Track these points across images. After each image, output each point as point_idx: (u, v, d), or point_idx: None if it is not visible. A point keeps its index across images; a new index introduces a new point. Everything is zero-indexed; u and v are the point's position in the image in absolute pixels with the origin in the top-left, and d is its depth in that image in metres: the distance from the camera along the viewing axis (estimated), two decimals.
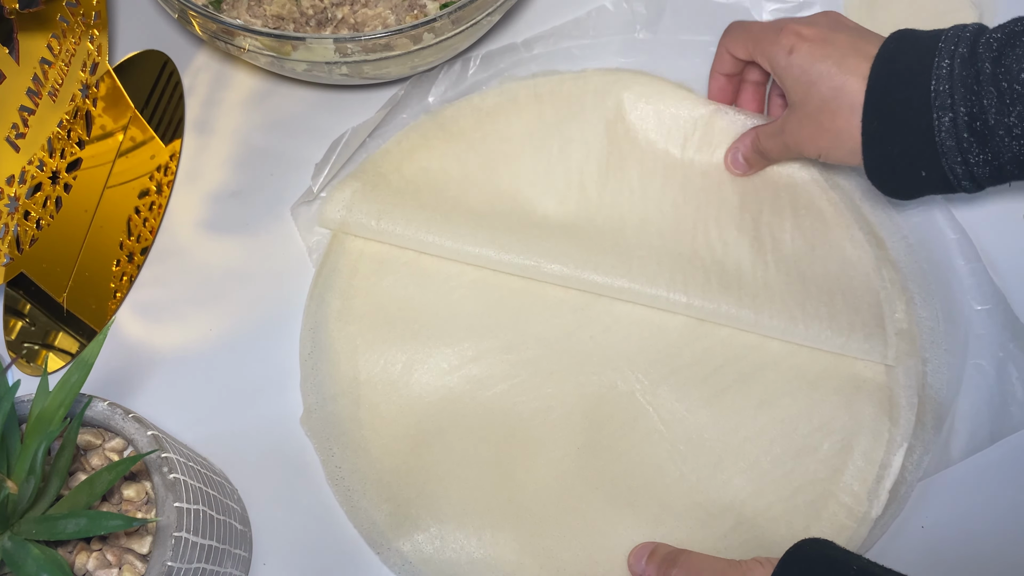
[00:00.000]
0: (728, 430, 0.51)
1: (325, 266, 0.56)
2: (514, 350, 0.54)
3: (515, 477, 0.51)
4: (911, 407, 0.51)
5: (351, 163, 0.59)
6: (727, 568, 0.44)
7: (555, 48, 0.63)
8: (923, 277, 0.55)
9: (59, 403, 0.39)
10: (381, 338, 0.54)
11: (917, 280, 0.55)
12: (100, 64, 0.62)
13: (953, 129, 0.45)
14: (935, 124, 0.45)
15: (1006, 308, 0.53)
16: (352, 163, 0.59)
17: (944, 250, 0.56)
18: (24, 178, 0.54)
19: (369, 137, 0.60)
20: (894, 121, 0.47)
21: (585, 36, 0.63)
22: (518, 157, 0.59)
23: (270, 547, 0.51)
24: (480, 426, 0.52)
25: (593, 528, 0.50)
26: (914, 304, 0.54)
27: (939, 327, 0.54)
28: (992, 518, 0.50)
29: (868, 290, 0.54)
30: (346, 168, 0.59)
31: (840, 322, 0.52)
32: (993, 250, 0.56)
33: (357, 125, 0.58)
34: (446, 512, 0.50)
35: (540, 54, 0.63)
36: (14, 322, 0.56)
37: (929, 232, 0.56)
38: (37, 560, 0.37)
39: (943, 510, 0.50)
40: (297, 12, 0.58)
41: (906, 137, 0.47)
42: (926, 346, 0.53)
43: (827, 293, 0.54)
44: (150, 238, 0.59)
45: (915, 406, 0.51)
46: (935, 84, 0.45)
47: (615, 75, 0.60)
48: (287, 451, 0.53)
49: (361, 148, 0.60)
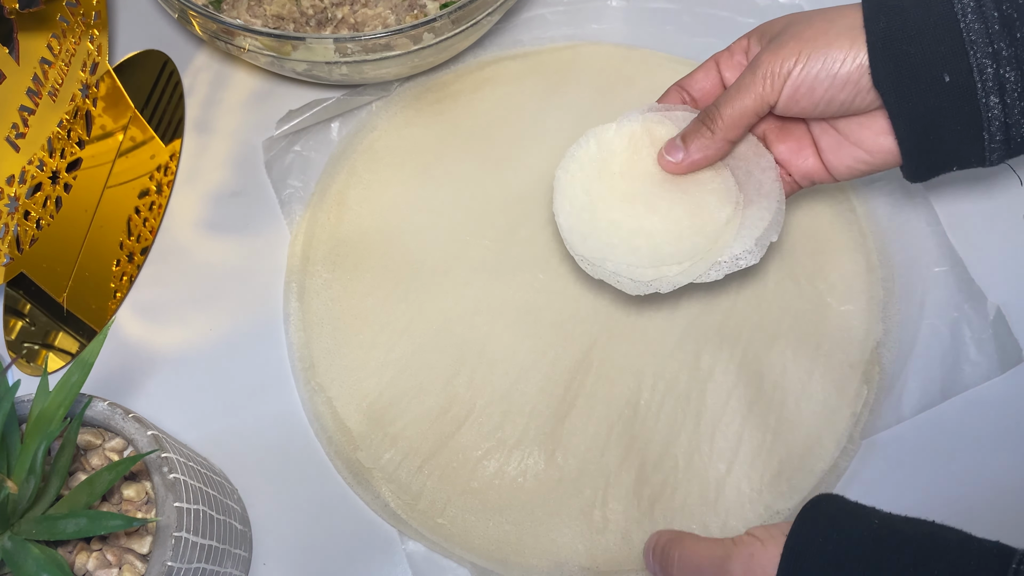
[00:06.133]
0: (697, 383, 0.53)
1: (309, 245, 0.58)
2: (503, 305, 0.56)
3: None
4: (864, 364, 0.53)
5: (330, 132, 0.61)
6: (722, 551, 0.40)
7: (529, 15, 0.65)
8: (882, 236, 0.57)
9: (59, 403, 0.39)
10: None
11: (877, 239, 0.57)
12: (100, 64, 0.62)
13: (979, 9, 0.38)
14: (956, 6, 0.39)
15: (962, 270, 0.55)
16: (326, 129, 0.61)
17: (904, 213, 0.57)
18: (24, 178, 0.54)
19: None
20: (906, 15, 0.40)
21: (559, 3, 0.65)
22: (507, 125, 0.61)
23: (270, 547, 0.51)
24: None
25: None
26: (873, 263, 0.56)
27: (895, 287, 0.55)
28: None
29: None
30: (322, 131, 0.61)
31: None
32: (950, 214, 0.57)
33: (342, 97, 0.60)
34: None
35: (514, 20, 0.64)
36: (14, 322, 0.56)
37: (892, 195, 0.58)
38: (37, 560, 0.37)
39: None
40: (297, 12, 0.58)
41: (923, 25, 0.39)
42: (881, 309, 0.55)
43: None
44: (150, 238, 0.59)
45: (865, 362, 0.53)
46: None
47: (608, 48, 0.63)
48: (287, 451, 0.53)
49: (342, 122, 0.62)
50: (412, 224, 0.58)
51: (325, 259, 0.57)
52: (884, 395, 0.53)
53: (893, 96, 0.41)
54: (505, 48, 0.64)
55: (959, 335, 0.54)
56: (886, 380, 0.53)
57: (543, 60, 0.63)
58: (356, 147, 0.60)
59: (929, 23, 0.39)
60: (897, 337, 0.54)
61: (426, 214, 0.58)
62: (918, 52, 0.40)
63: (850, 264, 0.56)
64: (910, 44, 0.40)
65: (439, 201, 0.59)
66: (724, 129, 0.45)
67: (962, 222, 0.57)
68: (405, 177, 0.59)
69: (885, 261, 0.56)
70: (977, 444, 0.52)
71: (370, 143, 0.61)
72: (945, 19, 0.39)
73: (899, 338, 0.54)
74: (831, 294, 0.55)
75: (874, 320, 0.54)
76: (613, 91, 0.61)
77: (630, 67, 0.62)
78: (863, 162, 0.45)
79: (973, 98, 0.40)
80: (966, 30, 0.39)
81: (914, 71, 0.40)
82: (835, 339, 0.54)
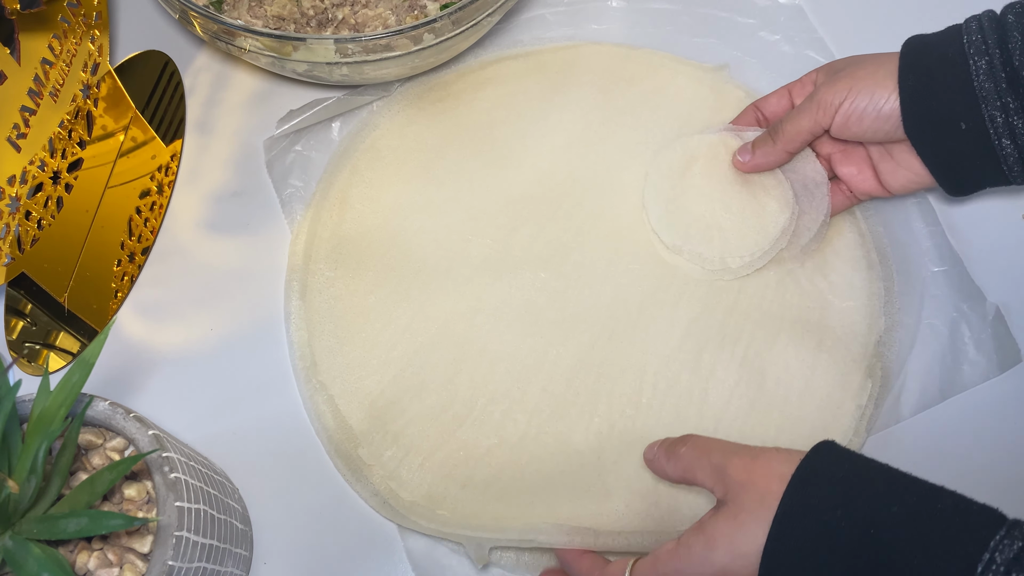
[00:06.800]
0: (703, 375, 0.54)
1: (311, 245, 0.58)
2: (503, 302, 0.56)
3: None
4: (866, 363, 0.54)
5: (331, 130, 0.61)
6: (739, 447, 0.44)
7: (530, 15, 0.65)
8: (880, 238, 0.57)
9: (60, 403, 0.39)
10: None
11: (876, 239, 0.57)
12: (101, 64, 0.62)
13: (990, 72, 0.47)
14: (972, 69, 0.47)
15: (961, 270, 0.55)
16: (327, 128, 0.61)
17: (903, 213, 0.58)
18: (25, 178, 0.54)
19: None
20: (931, 75, 0.49)
21: (560, 3, 0.65)
22: (508, 124, 0.61)
23: (271, 546, 0.51)
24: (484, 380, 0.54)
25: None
26: (872, 261, 0.56)
27: (894, 287, 0.56)
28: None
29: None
30: (325, 129, 0.61)
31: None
32: (949, 214, 0.57)
33: (342, 97, 0.60)
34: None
35: (514, 20, 0.64)
36: (15, 322, 0.56)
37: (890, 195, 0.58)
38: (38, 559, 0.37)
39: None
40: (298, 13, 0.59)
41: (944, 86, 0.48)
42: (882, 305, 0.55)
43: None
44: (151, 238, 0.59)
45: (867, 361, 0.54)
46: (967, 37, 0.48)
47: (609, 48, 0.63)
48: (288, 450, 0.53)
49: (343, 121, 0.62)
50: (414, 222, 0.58)
51: (327, 257, 0.57)
52: (883, 395, 0.53)
53: (919, 140, 0.51)
54: (506, 48, 0.64)
55: (958, 335, 0.54)
56: (887, 378, 0.53)
57: (544, 60, 0.63)
58: (358, 146, 0.60)
59: (948, 83, 0.48)
60: (896, 337, 0.54)
61: (428, 213, 0.58)
62: (940, 106, 0.49)
63: (850, 263, 0.56)
64: (933, 99, 0.49)
65: (441, 200, 0.59)
66: (784, 141, 0.54)
67: (961, 222, 0.57)
68: (407, 176, 0.60)
69: (884, 260, 0.56)
70: (976, 444, 0.52)
71: (372, 142, 0.61)
72: (961, 81, 0.48)
73: (898, 338, 0.54)
74: (832, 292, 0.55)
75: (876, 315, 0.55)
76: (614, 91, 0.62)
77: (631, 67, 0.62)
78: (914, 181, 0.54)
79: (988, 142, 0.48)
80: (979, 88, 0.48)
81: (936, 121, 0.49)
82: (837, 335, 0.54)
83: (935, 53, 0.49)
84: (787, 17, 0.64)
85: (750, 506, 0.41)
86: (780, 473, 0.41)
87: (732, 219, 0.55)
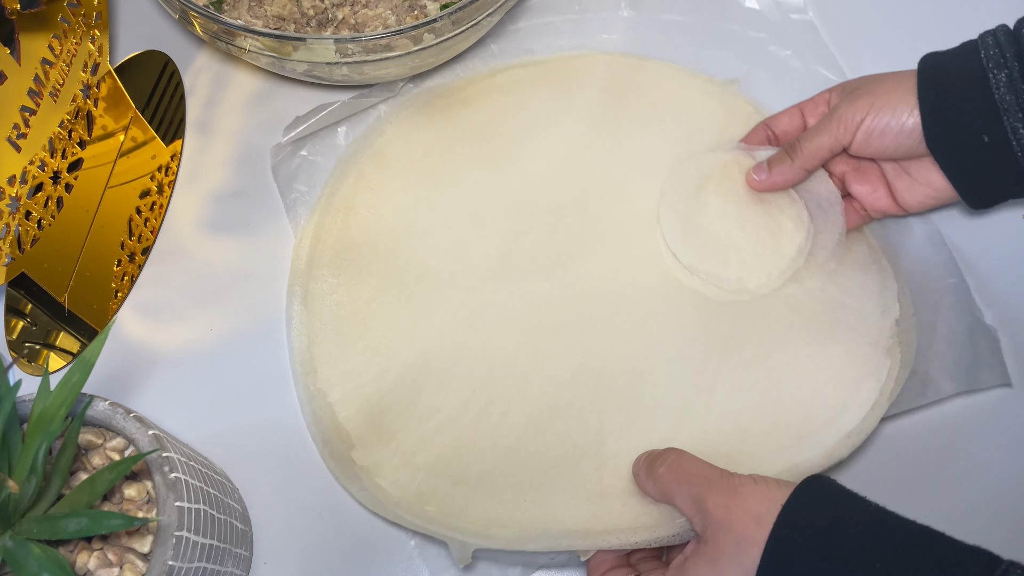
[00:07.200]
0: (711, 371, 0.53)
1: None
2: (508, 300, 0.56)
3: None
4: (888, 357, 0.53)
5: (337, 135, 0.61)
6: (717, 476, 0.43)
7: (539, 22, 0.65)
8: (886, 238, 0.57)
9: (60, 403, 0.39)
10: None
11: (879, 237, 0.57)
12: (101, 64, 0.62)
13: (1010, 84, 0.47)
14: (992, 82, 0.48)
15: (963, 275, 0.55)
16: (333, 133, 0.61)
17: (907, 224, 0.57)
18: (25, 178, 0.54)
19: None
20: (951, 89, 0.49)
21: (570, 11, 0.65)
22: (516, 132, 0.61)
23: (271, 546, 0.51)
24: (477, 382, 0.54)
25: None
26: (883, 266, 0.56)
27: (906, 289, 0.55)
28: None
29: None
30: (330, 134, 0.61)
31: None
32: (949, 215, 0.58)
33: (347, 100, 0.60)
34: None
35: (524, 27, 0.64)
36: (15, 322, 0.56)
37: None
38: (38, 559, 0.37)
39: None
40: (298, 13, 0.59)
41: (965, 100, 0.48)
42: (895, 296, 0.54)
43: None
44: (151, 238, 0.59)
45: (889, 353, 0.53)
46: (984, 51, 0.48)
47: (619, 58, 0.63)
48: (288, 450, 0.53)
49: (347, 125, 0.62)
50: (419, 229, 0.58)
51: (331, 263, 0.57)
52: (902, 375, 0.52)
53: (941, 153, 0.51)
54: (516, 56, 0.64)
55: (958, 337, 0.54)
56: (906, 360, 0.53)
57: (553, 68, 0.63)
58: (365, 151, 0.60)
59: (969, 97, 0.48)
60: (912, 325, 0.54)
61: (433, 220, 0.58)
62: (961, 120, 0.49)
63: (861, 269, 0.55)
64: (955, 113, 0.49)
65: (446, 206, 0.59)
66: (802, 159, 0.54)
67: (961, 222, 0.57)
68: (413, 182, 0.59)
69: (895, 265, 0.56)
70: (977, 447, 0.52)
71: (379, 147, 0.60)
72: (982, 94, 0.48)
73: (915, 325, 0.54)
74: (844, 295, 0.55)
75: (890, 303, 0.54)
76: (623, 100, 0.61)
77: (640, 77, 0.62)
78: (932, 197, 0.54)
79: (1011, 153, 0.48)
80: (1000, 101, 0.48)
81: (958, 134, 0.49)
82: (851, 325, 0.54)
83: (953, 68, 0.49)
84: (798, 32, 0.64)
85: (728, 550, 0.40)
86: (757, 514, 0.40)
87: (748, 239, 0.55)
